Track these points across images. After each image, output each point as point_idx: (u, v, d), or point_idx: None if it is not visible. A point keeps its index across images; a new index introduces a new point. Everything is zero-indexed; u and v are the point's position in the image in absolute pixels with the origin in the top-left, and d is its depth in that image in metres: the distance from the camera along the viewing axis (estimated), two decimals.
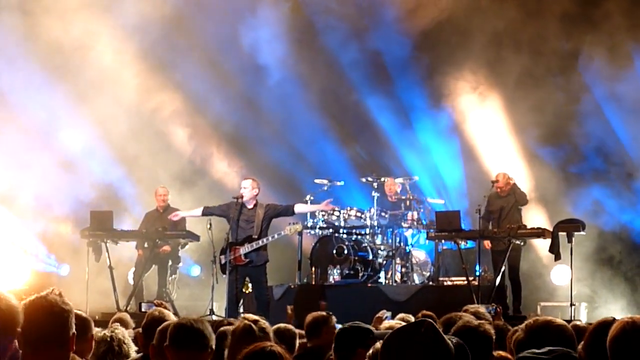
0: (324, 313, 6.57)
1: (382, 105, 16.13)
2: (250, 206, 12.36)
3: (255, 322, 4.72)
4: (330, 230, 13.89)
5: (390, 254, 13.69)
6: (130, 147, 15.44)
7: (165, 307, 7.78)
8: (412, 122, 16.03)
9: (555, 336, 3.54)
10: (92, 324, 4.94)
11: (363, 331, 4.85)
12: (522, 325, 3.67)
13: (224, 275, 12.32)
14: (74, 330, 3.60)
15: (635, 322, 3.64)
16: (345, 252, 13.53)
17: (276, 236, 12.40)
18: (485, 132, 15.50)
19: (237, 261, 12.16)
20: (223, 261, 12.31)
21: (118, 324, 5.50)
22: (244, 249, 12.18)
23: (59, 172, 15.20)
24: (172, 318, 5.24)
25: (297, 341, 6.02)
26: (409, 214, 13.98)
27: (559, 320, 3.68)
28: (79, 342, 4.73)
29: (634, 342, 3.57)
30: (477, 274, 12.88)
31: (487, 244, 12.66)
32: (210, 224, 12.23)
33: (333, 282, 13.60)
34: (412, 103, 15.98)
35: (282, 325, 6.16)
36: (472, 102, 15.61)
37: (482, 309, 5.94)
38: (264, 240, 12.20)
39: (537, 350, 2.78)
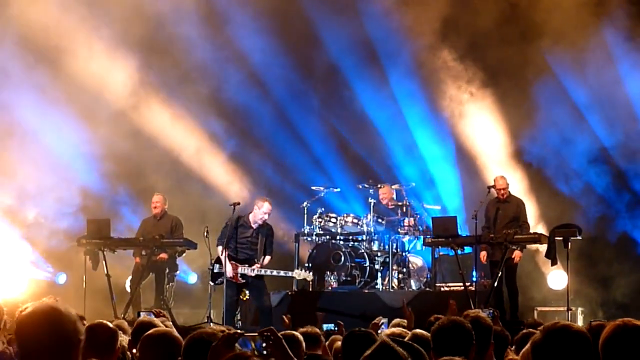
0: None
1: (379, 107, 16.14)
2: (255, 225, 12.34)
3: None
4: (327, 236, 13.92)
5: (387, 260, 13.71)
6: (123, 151, 15.43)
7: (164, 316, 7.79)
8: (408, 126, 16.01)
9: (573, 340, 3.58)
10: (119, 336, 4.96)
11: (370, 337, 4.91)
12: (540, 327, 3.73)
13: (212, 283, 12.34)
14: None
15: (627, 324, 3.71)
16: (342, 258, 13.56)
17: (282, 273, 12.47)
18: (481, 134, 15.51)
19: (234, 279, 12.17)
20: (216, 270, 12.31)
21: (121, 332, 5.51)
22: (242, 269, 12.18)
23: (54, 179, 15.20)
24: (160, 325, 5.24)
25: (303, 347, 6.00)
26: (406, 220, 14.01)
27: (578, 325, 3.74)
28: (107, 355, 4.75)
29: (625, 344, 3.64)
30: (474, 279, 12.92)
31: (483, 256, 12.65)
32: (207, 232, 12.22)
33: (330, 288, 13.61)
34: (409, 106, 15.95)
35: (287, 332, 6.15)
36: (468, 104, 15.60)
37: (482, 313, 5.96)
38: (262, 271, 12.18)
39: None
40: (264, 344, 3.57)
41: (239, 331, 3.61)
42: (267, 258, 12.39)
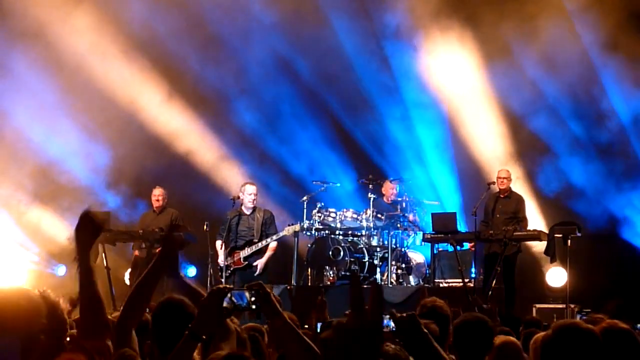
0: None
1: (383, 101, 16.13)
2: (248, 212, 12.50)
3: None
4: (326, 231, 13.93)
5: (386, 255, 13.73)
6: (120, 145, 15.45)
7: None
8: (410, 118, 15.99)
9: (584, 338, 3.60)
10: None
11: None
12: (551, 325, 3.77)
13: (223, 280, 12.42)
14: None
15: (612, 327, 3.77)
16: (341, 253, 13.57)
17: (274, 238, 12.50)
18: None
19: (236, 264, 12.31)
20: (222, 264, 12.40)
21: None
22: (243, 253, 12.37)
23: (53, 170, 15.21)
24: None
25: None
26: (405, 215, 14.04)
27: (589, 325, 3.77)
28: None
29: (610, 347, 3.70)
30: (473, 275, 12.95)
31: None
32: (207, 225, 12.32)
33: (329, 283, 13.63)
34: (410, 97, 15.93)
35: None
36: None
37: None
38: (263, 242, 12.34)
39: None
40: (252, 298, 3.60)
41: (228, 286, 3.62)
42: (273, 244, 12.50)
